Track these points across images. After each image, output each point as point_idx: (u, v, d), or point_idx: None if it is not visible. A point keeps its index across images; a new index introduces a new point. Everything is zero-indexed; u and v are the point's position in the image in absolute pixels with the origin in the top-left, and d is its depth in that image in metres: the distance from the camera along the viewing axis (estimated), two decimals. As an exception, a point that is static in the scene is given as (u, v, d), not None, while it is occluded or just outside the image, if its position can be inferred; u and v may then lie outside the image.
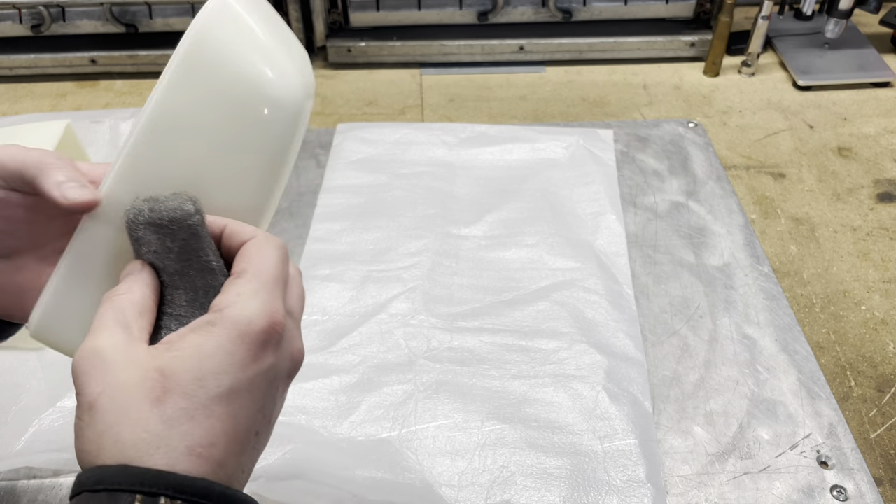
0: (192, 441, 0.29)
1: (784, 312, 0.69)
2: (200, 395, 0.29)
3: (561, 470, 0.56)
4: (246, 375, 0.30)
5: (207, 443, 0.29)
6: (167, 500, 0.27)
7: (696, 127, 0.92)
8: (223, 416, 0.30)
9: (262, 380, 0.31)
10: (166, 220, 0.33)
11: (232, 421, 0.30)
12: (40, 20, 1.00)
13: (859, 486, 0.56)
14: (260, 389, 0.31)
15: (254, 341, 0.31)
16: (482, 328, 0.67)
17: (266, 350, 0.31)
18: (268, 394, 0.32)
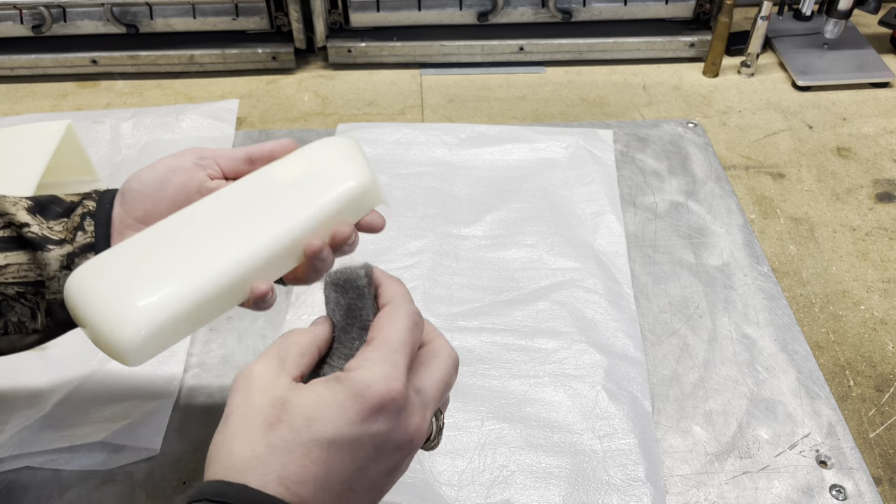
0: (284, 473, 0.31)
1: (783, 312, 0.69)
2: (304, 435, 0.32)
3: (560, 469, 0.56)
4: (352, 431, 0.33)
5: (297, 479, 0.32)
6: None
7: (696, 127, 0.92)
8: (318, 461, 0.32)
9: (368, 441, 0.33)
10: (342, 280, 0.39)
11: (325, 468, 0.32)
12: (41, 20, 1.00)
13: (858, 485, 0.56)
14: (364, 449, 0.33)
15: (367, 403, 0.33)
16: (482, 328, 0.67)
17: (378, 415, 0.33)
18: (372, 457, 0.34)
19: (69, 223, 0.45)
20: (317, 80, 1.05)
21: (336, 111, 0.99)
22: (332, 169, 0.47)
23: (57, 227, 0.45)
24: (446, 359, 0.38)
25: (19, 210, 0.44)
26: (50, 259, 0.43)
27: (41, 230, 0.44)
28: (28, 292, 0.44)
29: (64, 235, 0.44)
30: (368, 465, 0.33)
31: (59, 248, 0.44)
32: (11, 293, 0.44)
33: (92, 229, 0.45)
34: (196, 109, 0.93)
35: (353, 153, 0.48)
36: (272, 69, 1.06)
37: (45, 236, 0.44)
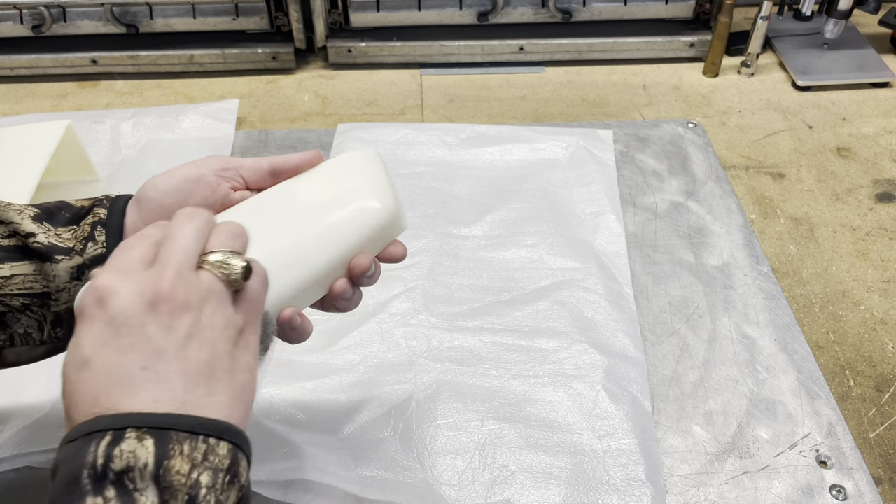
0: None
1: (783, 312, 0.69)
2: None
3: (561, 469, 0.56)
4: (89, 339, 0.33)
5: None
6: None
7: (696, 127, 0.92)
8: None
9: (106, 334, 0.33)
10: None
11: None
12: (41, 20, 1.00)
13: (858, 485, 0.56)
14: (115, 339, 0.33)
15: (80, 311, 0.34)
16: (482, 328, 0.67)
17: (92, 311, 0.33)
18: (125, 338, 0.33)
19: (79, 231, 0.43)
20: (317, 80, 1.05)
21: (336, 111, 0.99)
22: (358, 195, 0.45)
23: (66, 235, 0.43)
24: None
25: (25, 219, 0.43)
26: (59, 270, 0.42)
27: (48, 239, 0.42)
28: (34, 304, 0.43)
29: (73, 244, 0.43)
30: (136, 345, 0.32)
31: (69, 259, 0.42)
32: (17, 304, 0.42)
33: (103, 239, 0.43)
34: (196, 109, 0.93)
35: (378, 176, 0.47)
36: (272, 69, 1.06)
37: (53, 245, 0.42)
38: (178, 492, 0.29)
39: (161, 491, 0.29)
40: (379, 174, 0.47)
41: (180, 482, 0.30)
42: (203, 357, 0.33)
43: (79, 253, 0.43)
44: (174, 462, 0.30)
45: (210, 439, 0.31)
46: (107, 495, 0.29)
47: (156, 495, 0.29)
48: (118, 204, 0.45)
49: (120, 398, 0.31)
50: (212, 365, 0.33)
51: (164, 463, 0.30)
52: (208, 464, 0.31)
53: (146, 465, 0.29)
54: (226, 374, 0.34)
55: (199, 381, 0.33)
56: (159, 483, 0.29)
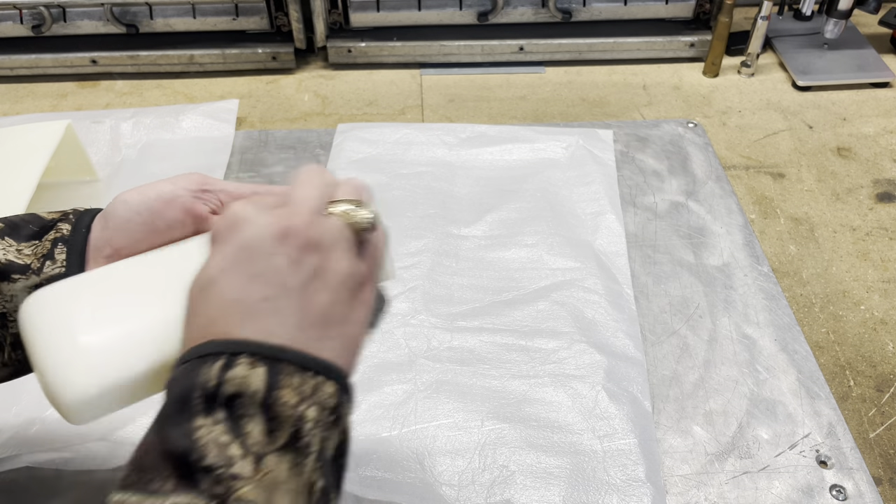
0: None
1: (783, 312, 0.69)
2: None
3: (561, 469, 0.56)
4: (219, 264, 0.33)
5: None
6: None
7: (696, 127, 0.92)
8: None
9: (233, 257, 0.33)
10: None
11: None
12: (41, 20, 1.00)
13: (858, 485, 0.56)
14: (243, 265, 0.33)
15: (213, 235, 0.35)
16: (482, 328, 0.67)
17: (223, 237, 0.34)
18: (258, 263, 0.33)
19: (39, 248, 0.40)
20: (317, 80, 1.05)
21: (336, 111, 0.99)
22: None
23: (26, 251, 0.40)
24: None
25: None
26: (15, 290, 0.39)
27: (6, 255, 0.39)
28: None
29: (31, 262, 0.39)
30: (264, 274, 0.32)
31: (25, 279, 0.39)
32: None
33: (63, 258, 0.39)
34: (196, 109, 0.93)
35: None
36: (272, 69, 1.06)
37: (10, 262, 0.39)
38: (284, 422, 0.29)
39: (269, 420, 0.29)
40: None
41: (287, 413, 0.30)
42: (323, 300, 0.33)
43: (35, 272, 0.39)
44: (283, 392, 0.30)
45: (319, 376, 0.31)
46: (216, 417, 0.29)
47: (263, 423, 0.29)
48: (84, 220, 0.41)
49: (236, 324, 0.31)
50: (330, 310, 0.33)
51: (274, 393, 0.30)
52: (315, 399, 0.31)
53: (256, 392, 0.29)
54: (340, 323, 0.33)
55: (314, 323, 0.32)
56: (267, 411, 0.29)
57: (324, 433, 0.31)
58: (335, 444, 0.32)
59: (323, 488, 0.30)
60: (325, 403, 0.31)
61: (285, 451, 0.29)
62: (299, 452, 0.30)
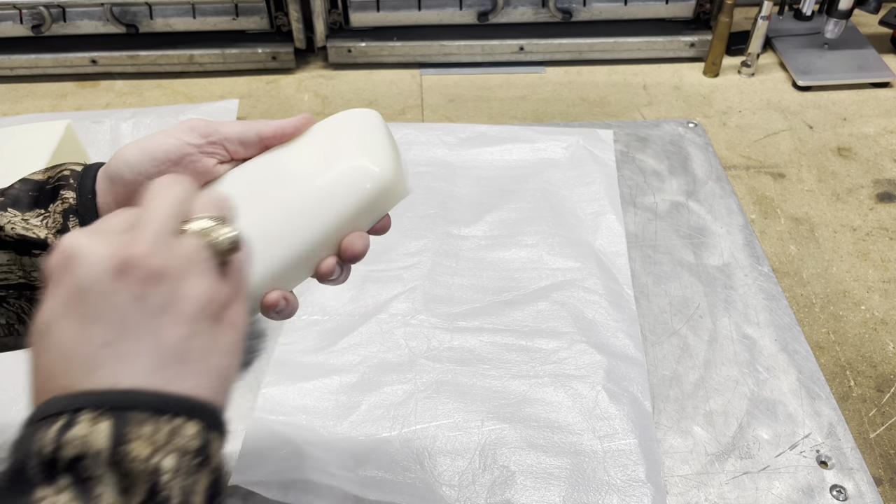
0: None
1: (784, 312, 0.69)
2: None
3: (561, 469, 0.56)
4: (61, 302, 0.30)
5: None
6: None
7: (696, 127, 0.92)
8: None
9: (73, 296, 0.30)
10: None
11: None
12: (41, 20, 1.00)
13: (859, 485, 0.56)
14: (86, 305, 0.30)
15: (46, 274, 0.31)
16: (482, 328, 0.67)
17: (57, 276, 0.30)
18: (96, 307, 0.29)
19: (49, 220, 0.39)
20: (317, 80, 1.05)
21: (336, 111, 0.98)
22: (348, 156, 0.40)
23: (34, 221, 0.39)
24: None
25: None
26: (38, 265, 0.39)
27: (16, 229, 0.38)
28: (10, 295, 0.39)
29: (45, 234, 0.39)
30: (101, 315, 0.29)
31: (47, 253, 0.38)
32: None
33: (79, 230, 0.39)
34: (196, 109, 0.93)
35: (375, 134, 0.42)
36: (272, 69, 1.06)
37: (24, 236, 0.38)
38: (137, 479, 0.27)
39: (120, 477, 0.27)
40: (376, 132, 0.42)
41: (139, 469, 0.27)
42: (177, 334, 0.29)
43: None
44: (132, 447, 0.27)
45: (177, 419, 0.28)
46: (60, 484, 0.26)
47: (114, 483, 0.27)
48: (86, 184, 0.40)
49: (77, 376, 0.28)
50: (187, 344, 0.29)
51: (121, 448, 0.27)
52: (172, 446, 0.28)
53: (100, 451, 0.27)
54: (201, 356, 0.30)
55: (168, 362, 0.29)
56: (118, 468, 0.27)
57: (186, 480, 0.28)
58: (206, 486, 0.29)
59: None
60: (185, 448, 0.28)
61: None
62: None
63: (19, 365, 0.65)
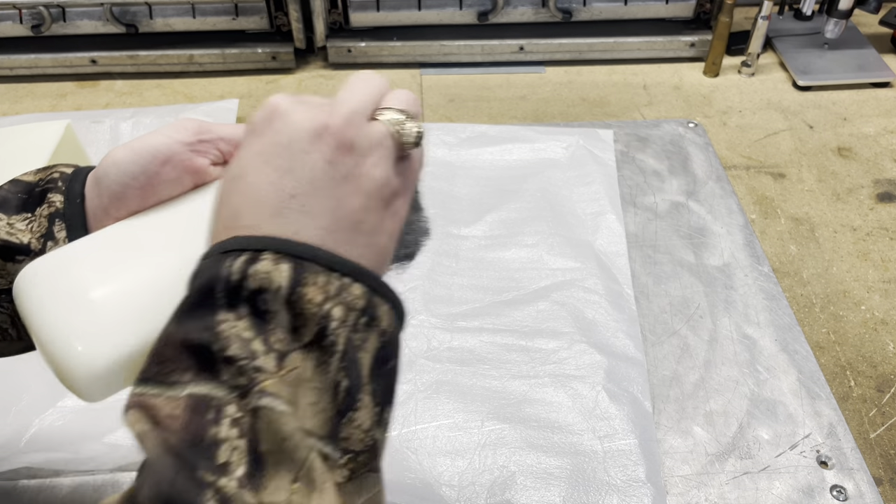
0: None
1: (784, 312, 0.69)
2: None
3: (561, 470, 0.56)
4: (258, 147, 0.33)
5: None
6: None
7: (696, 127, 0.92)
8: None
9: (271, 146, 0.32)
10: None
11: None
12: (40, 20, 1.00)
13: (859, 485, 0.56)
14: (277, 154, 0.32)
15: (252, 123, 0.34)
16: (482, 328, 0.67)
17: (266, 123, 0.33)
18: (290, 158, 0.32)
19: (35, 224, 0.38)
20: (317, 80, 1.05)
21: (336, 111, 0.99)
22: None
23: (20, 226, 0.38)
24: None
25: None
26: (20, 270, 0.37)
27: (1, 234, 0.37)
28: (2, 300, 0.39)
29: (30, 241, 0.38)
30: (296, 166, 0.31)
31: (30, 260, 0.37)
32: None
33: (64, 235, 0.38)
34: (196, 109, 0.93)
35: None
36: (272, 69, 1.06)
37: (8, 242, 0.37)
38: (309, 320, 0.29)
39: (293, 316, 0.29)
40: None
41: (312, 311, 0.29)
42: (354, 204, 0.32)
43: (38, 253, 0.38)
44: (308, 290, 0.29)
45: (345, 278, 0.30)
46: (240, 312, 0.28)
47: (287, 320, 0.29)
48: (75, 187, 0.39)
49: (262, 219, 0.30)
50: (360, 216, 0.32)
51: (298, 289, 0.29)
52: (341, 299, 0.30)
53: (280, 287, 0.28)
54: (370, 231, 0.32)
55: (343, 226, 0.31)
56: (292, 308, 0.29)
57: (352, 334, 0.30)
58: (375, 346, 0.30)
59: (348, 388, 0.29)
60: (351, 304, 0.30)
61: (310, 350, 0.29)
62: (324, 351, 0.29)
63: (19, 365, 0.65)
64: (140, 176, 0.38)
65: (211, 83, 1.04)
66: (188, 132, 0.39)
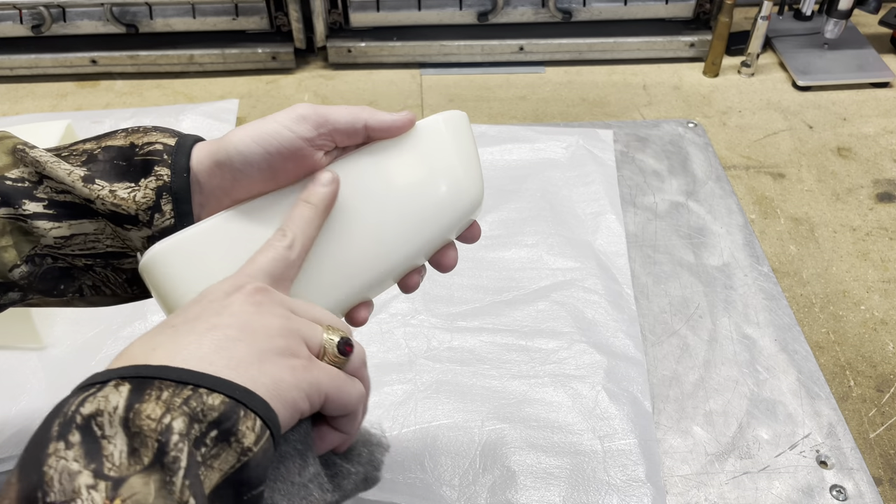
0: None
1: (783, 312, 0.69)
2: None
3: (561, 469, 0.56)
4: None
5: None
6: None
7: (696, 127, 0.92)
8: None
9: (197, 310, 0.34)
10: None
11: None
12: (41, 20, 1.00)
13: (859, 485, 0.56)
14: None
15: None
16: (482, 328, 0.67)
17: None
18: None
19: (138, 193, 0.39)
20: (317, 80, 1.05)
21: (336, 111, 0.99)
22: (447, 177, 0.41)
23: (123, 194, 0.39)
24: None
25: (76, 181, 0.39)
26: (131, 238, 0.40)
27: (105, 204, 0.38)
28: (97, 265, 0.40)
29: (137, 212, 0.39)
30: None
31: (138, 230, 0.39)
32: (80, 264, 0.40)
33: (170, 208, 0.39)
34: (196, 109, 0.93)
35: (467, 148, 0.43)
36: (272, 69, 1.06)
37: (114, 212, 0.39)
38: (147, 437, 0.27)
39: (130, 437, 0.27)
40: (468, 142, 0.43)
41: (150, 426, 0.27)
42: (252, 329, 0.32)
43: (146, 224, 0.39)
44: (146, 406, 0.27)
45: (201, 389, 0.28)
46: (70, 440, 0.26)
47: (125, 443, 0.26)
48: (180, 161, 0.40)
49: (141, 351, 0.31)
50: (265, 343, 0.32)
51: (136, 406, 0.27)
52: (185, 410, 0.28)
53: (116, 408, 0.27)
54: (268, 362, 0.32)
55: (227, 348, 0.31)
56: (128, 428, 0.27)
57: (198, 448, 0.27)
58: (228, 467, 0.28)
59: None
60: (198, 415, 0.28)
61: (151, 471, 0.26)
62: (167, 469, 0.26)
63: (19, 365, 0.65)
64: (266, 169, 0.39)
65: (211, 83, 1.04)
66: (309, 126, 0.40)
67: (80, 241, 0.39)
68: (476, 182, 0.42)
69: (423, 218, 0.41)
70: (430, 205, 0.41)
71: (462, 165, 0.42)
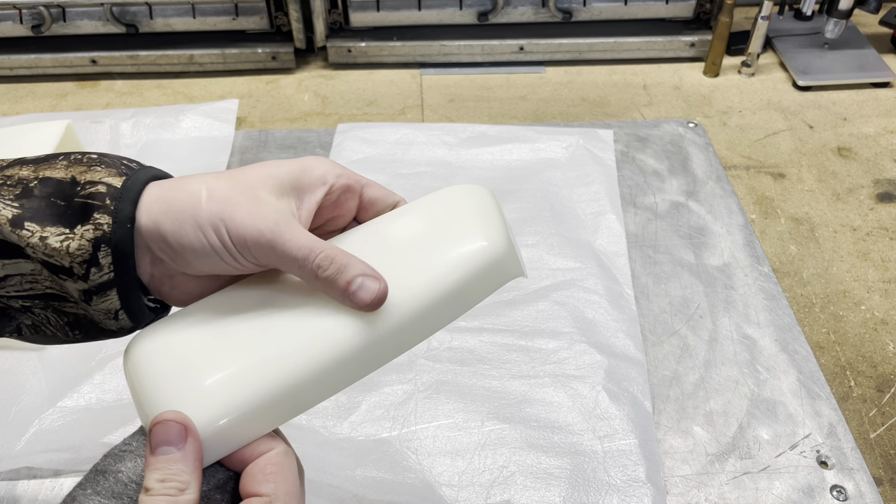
0: None
1: (784, 312, 0.69)
2: None
3: (561, 470, 0.56)
4: None
5: None
6: None
7: (696, 127, 0.92)
8: None
9: None
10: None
11: None
12: (41, 20, 1.00)
13: (859, 485, 0.56)
14: None
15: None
16: (482, 328, 0.67)
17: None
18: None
19: (74, 244, 0.33)
20: (317, 79, 1.05)
21: (336, 111, 0.99)
22: (462, 239, 0.38)
23: (54, 243, 0.33)
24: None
25: (3, 224, 0.33)
26: (67, 287, 0.35)
27: (36, 253, 0.34)
28: (36, 306, 0.36)
29: (69, 263, 0.34)
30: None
31: (73, 282, 0.34)
32: (16, 306, 0.36)
33: (109, 261, 0.34)
34: (196, 109, 0.93)
35: (488, 213, 0.41)
36: (272, 69, 1.06)
37: (46, 261, 0.34)
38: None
39: None
40: (489, 212, 0.41)
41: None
42: None
43: (81, 279, 0.34)
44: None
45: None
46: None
47: None
48: (124, 208, 0.34)
49: None
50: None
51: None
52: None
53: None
54: None
55: None
56: None
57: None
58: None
59: None
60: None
61: None
62: None
63: (19, 365, 0.65)
64: (262, 258, 0.35)
65: (211, 83, 1.04)
66: (339, 187, 0.39)
67: (15, 283, 0.35)
68: (498, 245, 0.40)
69: (430, 283, 0.37)
70: (437, 269, 0.38)
71: (479, 231, 0.41)
